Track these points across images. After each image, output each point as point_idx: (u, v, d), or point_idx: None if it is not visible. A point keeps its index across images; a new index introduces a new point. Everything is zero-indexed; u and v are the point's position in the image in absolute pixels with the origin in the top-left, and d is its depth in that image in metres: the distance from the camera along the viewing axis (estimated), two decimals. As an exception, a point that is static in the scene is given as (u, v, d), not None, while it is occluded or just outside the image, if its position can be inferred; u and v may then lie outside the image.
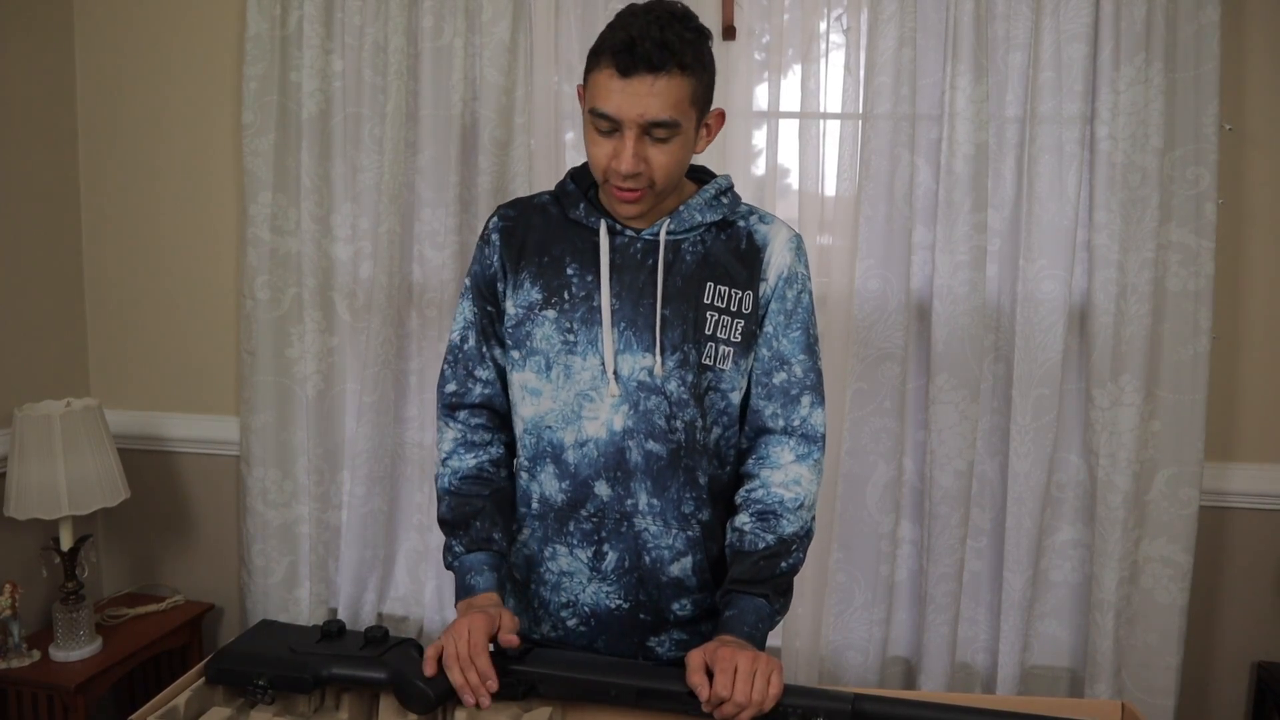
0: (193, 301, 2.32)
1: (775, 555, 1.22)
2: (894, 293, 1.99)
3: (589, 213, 1.26)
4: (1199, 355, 1.90)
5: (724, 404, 1.27)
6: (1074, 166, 1.89)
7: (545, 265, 1.26)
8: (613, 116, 1.13)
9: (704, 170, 1.33)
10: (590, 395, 1.23)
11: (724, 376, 1.25)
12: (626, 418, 1.23)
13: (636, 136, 1.13)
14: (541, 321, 1.25)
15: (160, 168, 2.29)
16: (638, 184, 1.17)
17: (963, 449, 1.97)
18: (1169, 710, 1.96)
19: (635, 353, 1.22)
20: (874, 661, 2.06)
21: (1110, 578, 1.94)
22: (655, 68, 1.11)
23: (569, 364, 1.24)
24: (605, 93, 1.13)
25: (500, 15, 2.00)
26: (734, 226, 1.28)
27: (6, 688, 1.95)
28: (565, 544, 1.27)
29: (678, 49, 1.11)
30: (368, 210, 2.11)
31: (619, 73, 1.11)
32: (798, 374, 1.28)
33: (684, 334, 1.22)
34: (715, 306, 1.24)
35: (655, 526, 1.25)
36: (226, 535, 2.35)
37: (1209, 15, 1.83)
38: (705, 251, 1.25)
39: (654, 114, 1.12)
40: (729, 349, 1.24)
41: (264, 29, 2.09)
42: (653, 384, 1.22)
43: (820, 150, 2.00)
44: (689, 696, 1.07)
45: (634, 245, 1.25)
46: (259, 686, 1.12)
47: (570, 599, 1.29)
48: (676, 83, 1.12)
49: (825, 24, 1.98)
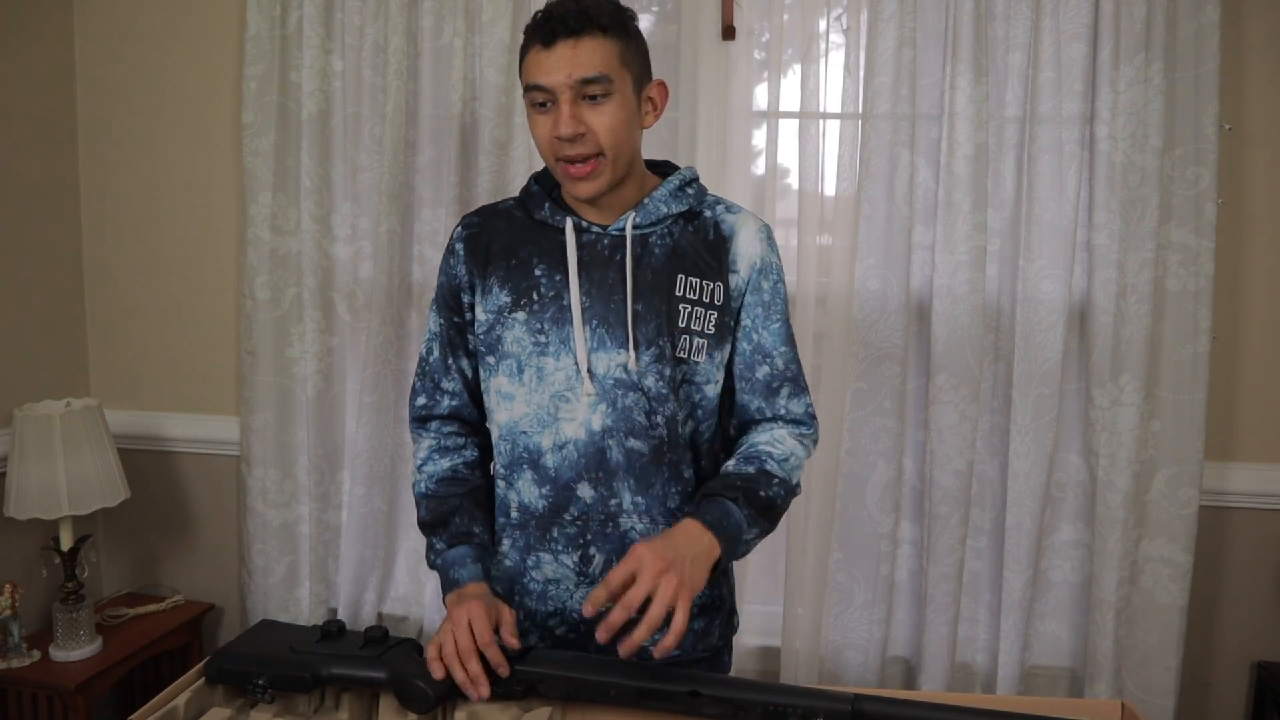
0: (193, 301, 2.32)
1: (754, 480, 1.20)
2: (894, 293, 1.99)
3: (554, 212, 1.26)
4: (1199, 355, 1.90)
5: (699, 396, 1.26)
6: (1074, 166, 1.89)
7: (513, 268, 1.26)
8: (544, 85, 1.16)
9: (668, 164, 1.33)
10: (566, 396, 1.22)
11: (699, 369, 1.25)
12: (605, 416, 1.22)
13: (571, 100, 1.15)
14: (512, 324, 1.24)
15: (160, 167, 2.29)
16: (585, 149, 1.16)
17: (963, 449, 1.97)
18: (1169, 710, 1.96)
19: (609, 350, 1.22)
20: (874, 661, 2.06)
21: (1110, 577, 1.95)
22: (575, 31, 1.14)
23: (541, 365, 1.23)
24: (534, 67, 1.16)
25: (500, 15, 2.00)
26: (701, 217, 1.27)
27: (6, 688, 1.95)
28: (550, 551, 1.26)
29: (594, 13, 1.15)
30: (368, 210, 2.11)
31: (542, 44, 1.15)
32: (779, 366, 1.28)
33: (658, 328, 1.22)
34: (687, 299, 1.23)
35: (642, 525, 1.24)
36: (226, 535, 2.35)
37: (1209, 15, 1.83)
38: (674, 244, 1.25)
39: (581, 71, 1.14)
40: (703, 340, 1.24)
41: (264, 29, 2.09)
42: (629, 380, 1.22)
43: (820, 150, 1.99)
44: (689, 696, 1.07)
45: (601, 241, 1.24)
46: (258, 686, 1.12)
47: (558, 607, 1.28)
48: (598, 42, 1.15)
49: (825, 24, 1.98)
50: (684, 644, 1.27)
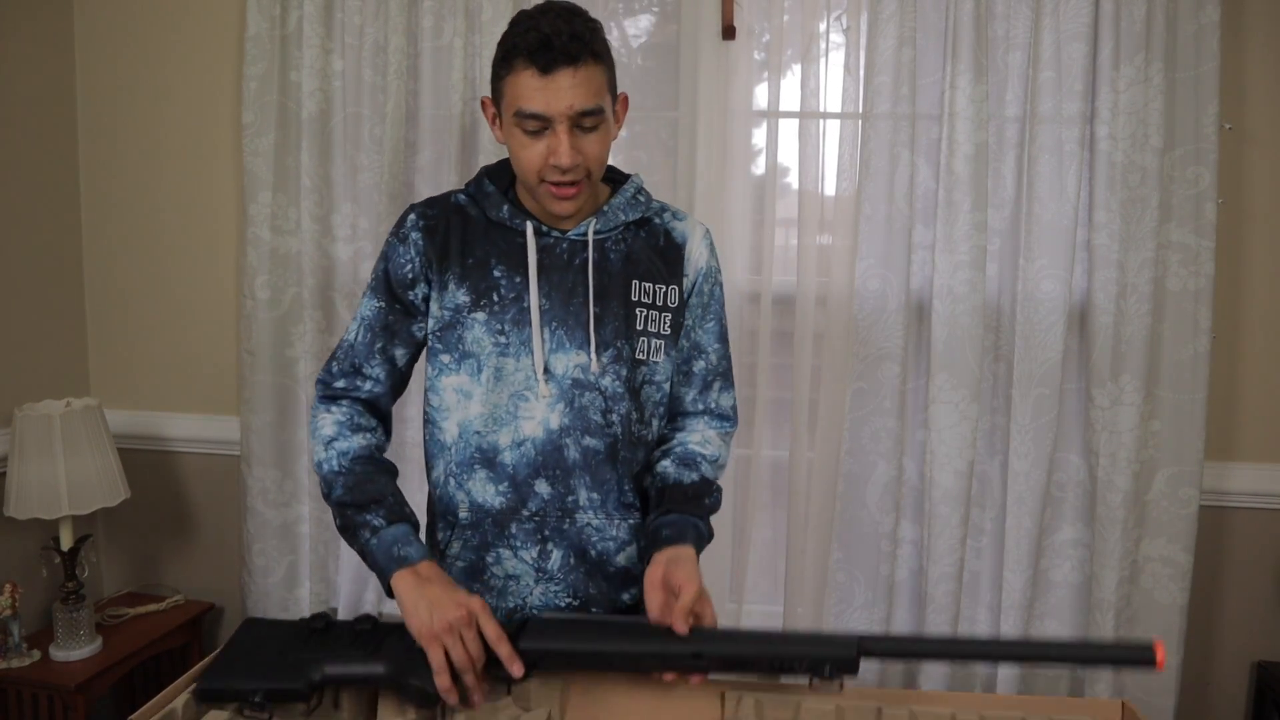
0: (193, 301, 2.32)
1: (701, 491, 1.28)
2: (894, 292, 1.99)
3: (513, 214, 1.27)
4: (1199, 355, 1.90)
5: (659, 395, 1.32)
6: (1074, 166, 1.89)
7: (470, 268, 1.26)
8: (542, 114, 1.15)
9: (613, 169, 1.35)
10: (525, 395, 1.25)
11: (657, 369, 1.30)
12: (563, 415, 1.25)
13: (568, 130, 1.16)
14: (471, 324, 1.25)
15: (160, 168, 2.29)
16: (576, 174, 1.18)
17: (962, 449, 1.97)
18: (1169, 710, 1.96)
19: (568, 351, 1.25)
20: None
21: (1110, 577, 1.95)
22: (574, 59, 1.14)
23: (500, 366, 1.25)
24: (529, 92, 1.15)
25: (500, 15, 2.00)
26: (650, 224, 1.33)
27: (6, 688, 1.95)
28: (509, 546, 1.27)
29: (588, 39, 1.16)
30: (368, 210, 2.11)
31: (540, 71, 1.14)
32: (713, 361, 1.37)
33: (616, 330, 1.26)
34: (643, 303, 1.28)
35: (598, 520, 1.28)
36: (227, 535, 2.35)
37: (1209, 15, 1.83)
38: (628, 249, 1.30)
39: (581, 103, 1.15)
40: (659, 341, 1.29)
41: (264, 29, 2.09)
42: (587, 380, 1.25)
43: (820, 150, 2.00)
44: (693, 658, 1.08)
45: (559, 246, 1.27)
46: (254, 704, 1.07)
47: (518, 603, 1.29)
48: (594, 70, 1.16)
49: (825, 24, 1.98)
50: None
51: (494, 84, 1.21)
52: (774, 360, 2.07)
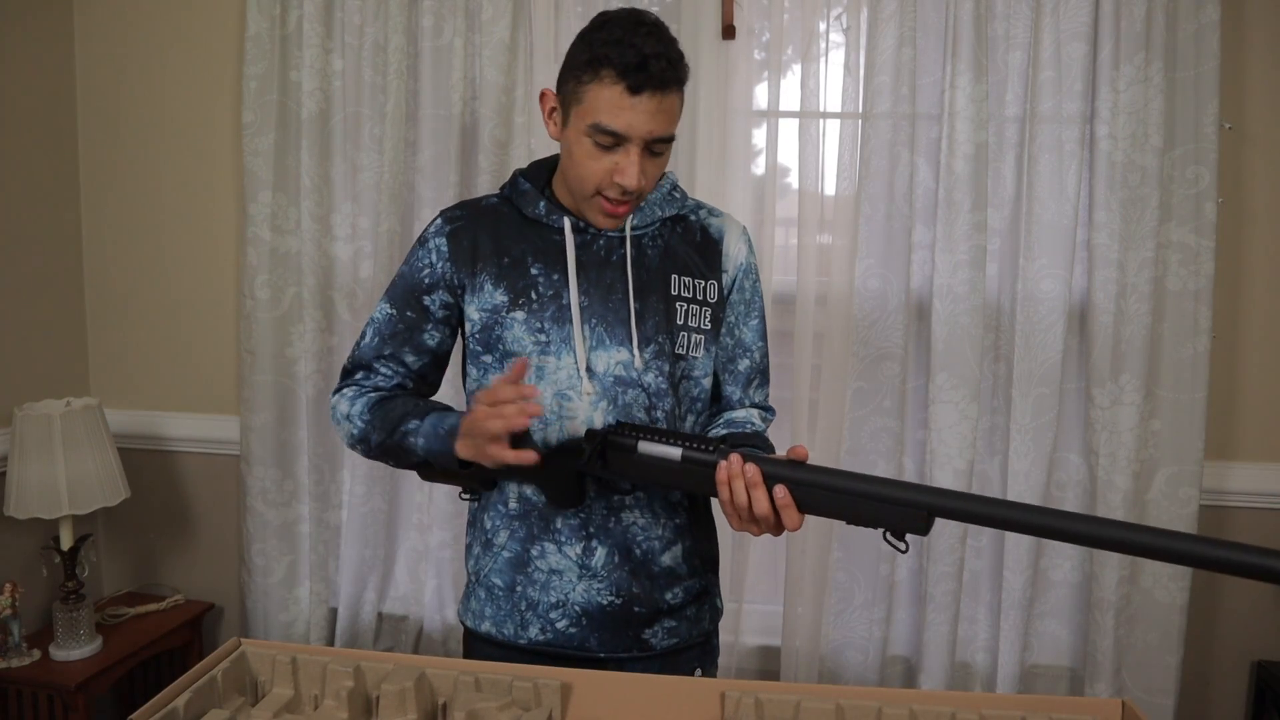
0: (193, 301, 2.32)
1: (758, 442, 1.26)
2: (894, 292, 1.99)
3: (550, 211, 1.26)
4: (1199, 354, 1.90)
5: (697, 390, 1.31)
6: (1074, 166, 1.89)
7: (506, 266, 1.26)
8: (621, 134, 1.14)
9: None
10: (568, 394, 1.24)
11: (697, 364, 1.30)
12: (606, 413, 1.24)
13: (641, 151, 1.16)
14: (511, 324, 1.25)
15: (160, 167, 2.29)
16: (633, 197, 1.19)
17: (962, 448, 1.97)
18: (1169, 709, 1.96)
19: (609, 348, 1.24)
20: (874, 660, 2.06)
21: (1110, 577, 1.95)
22: (663, 85, 1.13)
23: (542, 365, 1.24)
24: (613, 109, 1.13)
25: (500, 15, 2.00)
26: (686, 220, 1.32)
27: (6, 687, 1.95)
28: (554, 541, 1.27)
29: (679, 66, 1.16)
30: (368, 210, 2.11)
31: (629, 90, 1.12)
32: (757, 360, 1.38)
33: (657, 325, 1.25)
34: (683, 297, 1.28)
35: (644, 519, 1.27)
36: (227, 535, 2.35)
37: (1209, 15, 1.83)
38: (665, 245, 1.29)
39: (661, 130, 1.15)
40: (700, 336, 1.29)
41: (264, 28, 2.09)
42: (629, 377, 1.24)
43: (820, 149, 2.00)
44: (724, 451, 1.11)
45: (597, 242, 1.26)
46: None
47: (560, 599, 1.28)
48: (677, 98, 1.17)
49: (825, 23, 1.98)
50: (680, 632, 1.31)
51: (569, 83, 1.18)
52: (774, 360, 2.04)
